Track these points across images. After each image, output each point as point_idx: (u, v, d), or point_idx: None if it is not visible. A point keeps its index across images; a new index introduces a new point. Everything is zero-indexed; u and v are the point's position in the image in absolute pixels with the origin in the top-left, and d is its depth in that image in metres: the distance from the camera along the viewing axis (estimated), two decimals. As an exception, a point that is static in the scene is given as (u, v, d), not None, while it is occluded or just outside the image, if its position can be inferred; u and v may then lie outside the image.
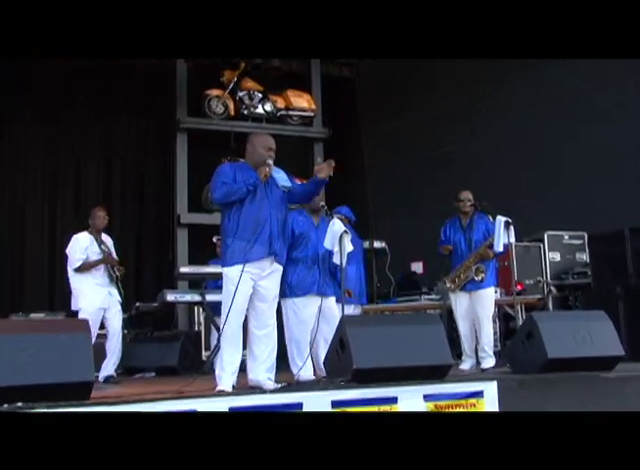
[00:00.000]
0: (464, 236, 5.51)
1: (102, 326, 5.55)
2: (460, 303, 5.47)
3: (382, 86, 9.66)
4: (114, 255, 5.72)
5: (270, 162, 3.98)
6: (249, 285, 3.89)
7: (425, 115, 9.24)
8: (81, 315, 5.30)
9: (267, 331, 3.97)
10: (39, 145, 9.31)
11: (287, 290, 4.69)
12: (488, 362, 5.28)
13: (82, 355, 3.15)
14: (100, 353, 5.33)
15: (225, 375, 3.84)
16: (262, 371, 3.93)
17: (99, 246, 5.56)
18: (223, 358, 3.88)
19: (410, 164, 9.35)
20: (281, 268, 4.04)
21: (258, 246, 3.88)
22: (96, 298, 5.42)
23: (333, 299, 4.87)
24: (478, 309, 5.38)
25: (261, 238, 3.89)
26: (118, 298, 5.56)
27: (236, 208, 3.93)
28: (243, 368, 4.01)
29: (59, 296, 8.61)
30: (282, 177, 4.04)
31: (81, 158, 9.51)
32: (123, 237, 9.23)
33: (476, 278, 5.32)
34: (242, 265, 3.81)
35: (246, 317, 3.96)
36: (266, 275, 3.94)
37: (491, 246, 5.31)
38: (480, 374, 4.96)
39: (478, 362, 5.41)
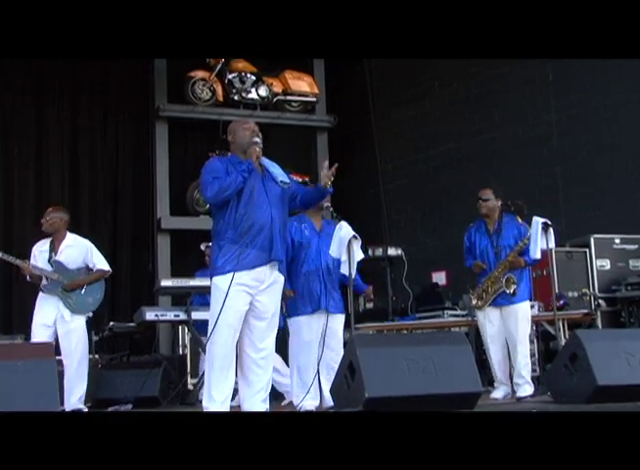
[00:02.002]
0: (491, 243, 5.50)
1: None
2: (490, 321, 5.46)
3: (398, 65, 9.63)
4: (67, 263, 5.60)
5: (257, 139, 4.00)
6: (245, 300, 3.88)
7: (451, 99, 9.25)
8: (33, 334, 5.48)
9: (265, 354, 3.98)
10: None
11: (289, 308, 4.78)
12: (525, 390, 5.28)
13: (45, 386, 3.14)
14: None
15: (214, 406, 3.84)
16: (258, 401, 3.93)
17: (49, 253, 5.62)
18: (211, 386, 3.88)
19: (431, 158, 9.36)
20: (282, 279, 4.05)
21: (257, 252, 3.88)
22: (40, 313, 5.53)
23: (339, 317, 4.90)
24: (511, 328, 5.38)
25: (261, 242, 3.89)
26: (70, 313, 5.49)
27: (231, 207, 3.94)
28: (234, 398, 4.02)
29: (17, 315, 8.51)
30: (279, 172, 4.06)
31: (42, 151, 9.31)
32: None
33: (507, 290, 5.31)
34: (234, 274, 3.80)
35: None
36: (265, 288, 3.94)
37: (522, 252, 5.32)
38: (515, 404, 4.97)
39: (512, 390, 5.41)
